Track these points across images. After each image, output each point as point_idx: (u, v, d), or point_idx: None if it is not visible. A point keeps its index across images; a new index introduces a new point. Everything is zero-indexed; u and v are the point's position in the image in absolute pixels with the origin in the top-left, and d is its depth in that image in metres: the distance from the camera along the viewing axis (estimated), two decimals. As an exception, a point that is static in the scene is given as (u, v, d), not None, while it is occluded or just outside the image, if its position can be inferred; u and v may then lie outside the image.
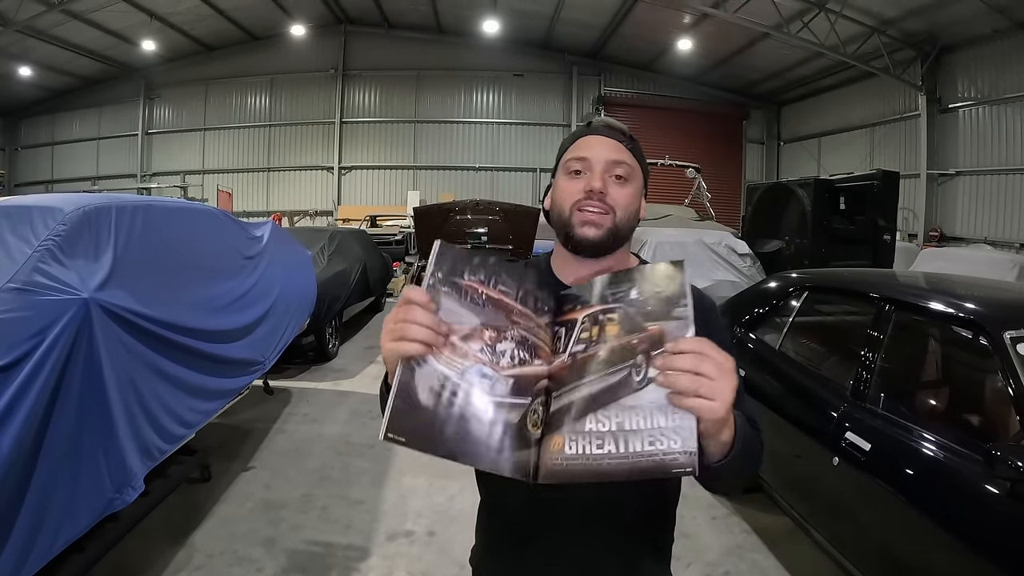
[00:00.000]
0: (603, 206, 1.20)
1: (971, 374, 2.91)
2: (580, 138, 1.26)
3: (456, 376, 0.91)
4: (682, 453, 0.85)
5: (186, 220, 3.60)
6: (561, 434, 0.90)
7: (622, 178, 1.22)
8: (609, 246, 1.21)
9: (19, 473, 1.94)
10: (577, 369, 0.93)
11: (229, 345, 3.63)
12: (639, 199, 1.26)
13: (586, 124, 1.29)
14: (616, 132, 1.26)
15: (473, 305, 0.95)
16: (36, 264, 2.28)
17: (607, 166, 1.21)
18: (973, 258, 9.13)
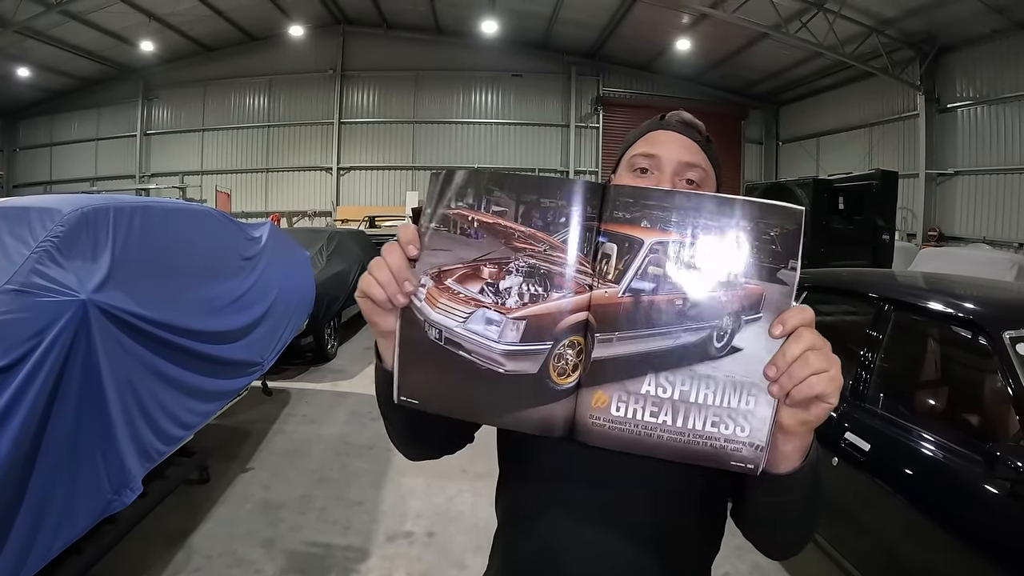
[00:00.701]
0: None
1: (970, 374, 2.91)
2: (651, 132, 1.12)
3: (459, 326, 0.78)
4: (747, 444, 0.73)
5: (184, 221, 3.59)
6: (609, 391, 0.75)
7: (694, 183, 1.06)
8: None
9: (17, 475, 1.94)
10: (643, 314, 0.73)
11: (227, 346, 3.62)
12: None
13: (659, 116, 1.15)
14: (692, 130, 1.12)
15: (465, 238, 0.78)
16: (34, 266, 2.27)
17: (679, 168, 1.06)
18: (972, 258, 9.13)
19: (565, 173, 22.05)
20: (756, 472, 0.74)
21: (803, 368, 0.70)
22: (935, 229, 15.38)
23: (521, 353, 0.76)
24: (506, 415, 0.78)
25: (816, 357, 0.70)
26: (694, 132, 1.11)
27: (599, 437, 0.76)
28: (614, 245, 0.74)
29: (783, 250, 0.72)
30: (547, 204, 0.76)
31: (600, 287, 0.74)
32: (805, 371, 0.70)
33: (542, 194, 0.76)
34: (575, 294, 0.75)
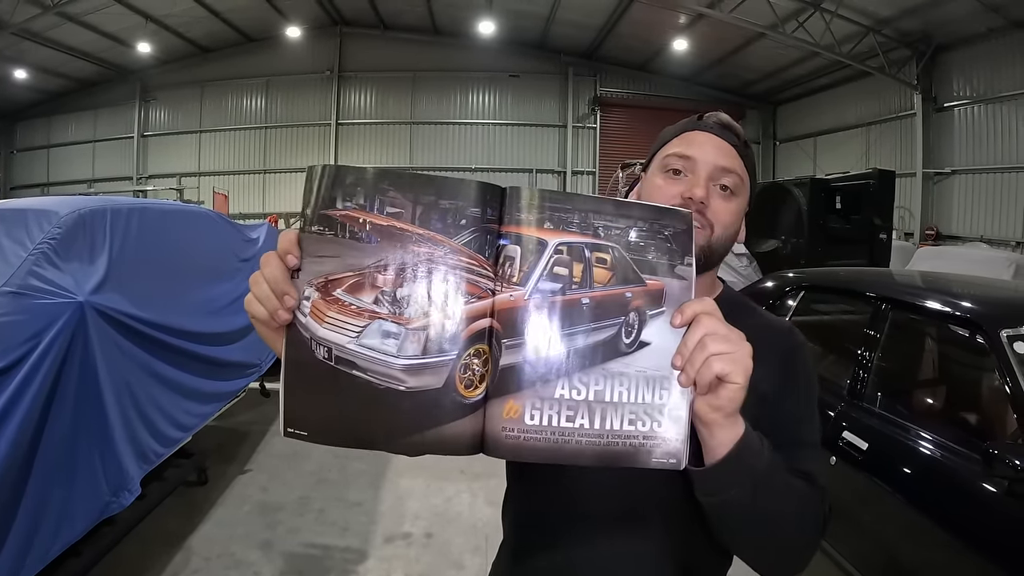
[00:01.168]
0: (701, 220, 0.99)
1: (968, 373, 2.91)
2: (687, 131, 1.07)
3: (351, 341, 0.70)
4: (666, 439, 0.72)
5: (181, 223, 3.59)
6: (521, 399, 0.71)
7: (728, 189, 1.03)
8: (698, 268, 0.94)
9: (15, 477, 1.93)
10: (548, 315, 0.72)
11: (225, 348, 3.62)
12: (740, 218, 1.08)
13: (697, 116, 1.09)
14: (730, 133, 1.06)
15: (355, 242, 0.70)
16: (31, 267, 2.27)
17: (713, 172, 1.02)
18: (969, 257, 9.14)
19: (563, 174, 22.07)
20: (679, 467, 0.73)
21: (702, 352, 0.72)
22: (932, 228, 15.40)
23: (423, 367, 0.70)
24: (410, 438, 0.71)
25: (714, 341, 0.72)
26: (732, 135, 1.06)
27: (512, 450, 0.72)
28: (517, 247, 0.72)
29: (678, 248, 0.73)
30: (446, 206, 0.71)
31: (504, 291, 0.71)
32: (703, 354, 0.72)
33: (440, 195, 0.71)
34: (478, 299, 0.71)
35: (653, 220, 0.73)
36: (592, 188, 22.23)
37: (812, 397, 1.05)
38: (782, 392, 0.99)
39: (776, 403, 0.97)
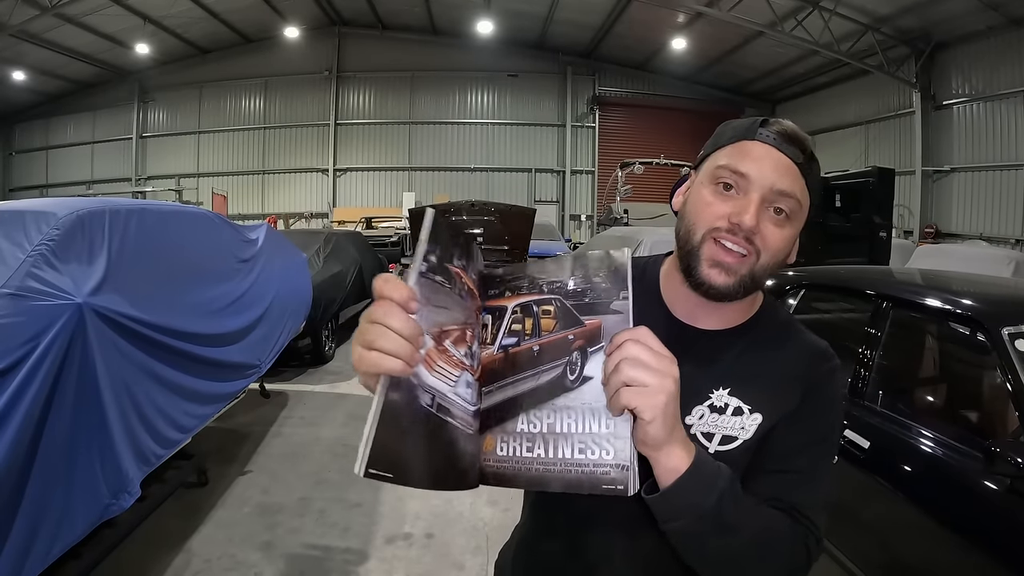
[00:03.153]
0: (748, 247, 0.90)
1: (969, 371, 2.91)
2: (745, 140, 0.93)
3: (451, 391, 0.77)
4: (613, 466, 0.76)
5: (181, 224, 3.58)
6: (493, 435, 0.81)
7: (783, 213, 0.91)
8: (736, 297, 0.94)
9: (15, 479, 1.93)
10: (509, 364, 0.82)
11: (225, 349, 3.61)
12: (793, 244, 0.96)
13: (759, 121, 0.94)
14: (794, 147, 0.92)
15: (459, 298, 0.80)
16: (30, 269, 2.26)
17: (769, 195, 0.90)
18: (969, 254, 9.12)
19: (562, 173, 22.08)
20: (627, 493, 0.76)
21: (616, 376, 0.74)
22: (932, 226, 15.41)
23: (478, 413, 0.82)
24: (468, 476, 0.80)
25: (630, 367, 0.73)
26: (795, 149, 0.92)
27: (494, 478, 0.81)
28: (489, 315, 0.85)
29: (613, 285, 0.79)
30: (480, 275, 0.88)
31: (484, 350, 0.84)
32: (618, 380, 0.74)
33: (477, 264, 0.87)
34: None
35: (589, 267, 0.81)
36: (591, 187, 22.24)
37: (828, 427, 1.00)
38: (793, 419, 0.96)
39: (784, 428, 0.95)
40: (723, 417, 0.95)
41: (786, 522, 0.90)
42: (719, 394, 0.96)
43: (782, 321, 1.06)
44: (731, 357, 0.99)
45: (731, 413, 0.96)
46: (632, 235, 8.46)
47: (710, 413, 0.96)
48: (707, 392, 0.97)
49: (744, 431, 0.95)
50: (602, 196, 21.17)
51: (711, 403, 0.96)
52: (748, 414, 0.95)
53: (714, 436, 0.95)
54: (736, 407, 0.96)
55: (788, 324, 1.06)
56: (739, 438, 0.95)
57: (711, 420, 0.96)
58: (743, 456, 0.94)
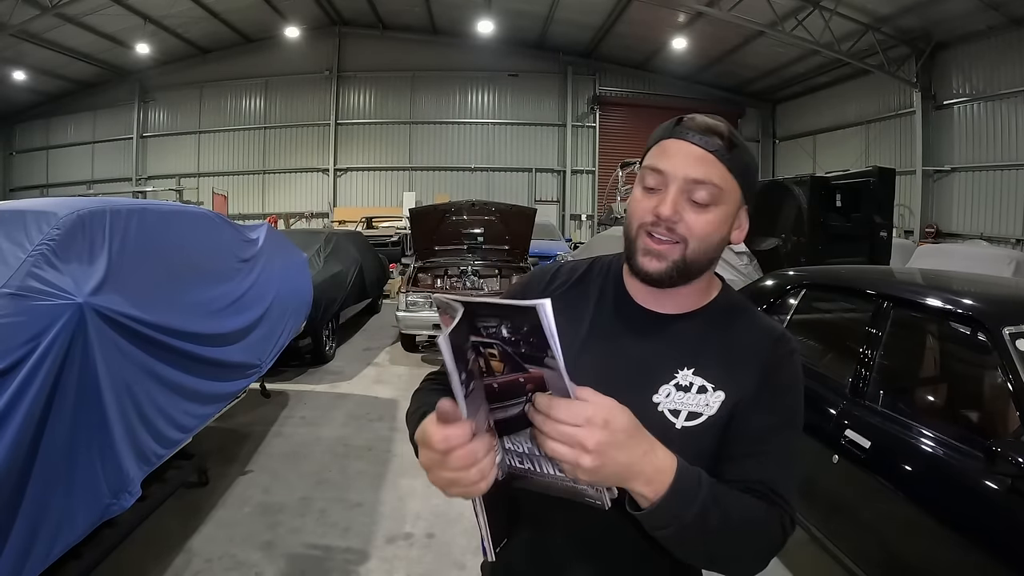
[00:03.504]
0: (672, 235, 1.00)
1: (970, 370, 2.91)
2: (663, 140, 1.03)
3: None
4: (588, 485, 0.82)
5: (181, 223, 3.58)
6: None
7: (703, 200, 0.99)
8: (674, 281, 1.03)
9: (15, 479, 1.93)
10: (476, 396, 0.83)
11: (225, 348, 3.61)
12: (725, 225, 1.04)
13: (675, 121, 1.04)
14: (709, 138, 1.00)
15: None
16: (30, 269, 2.26)
17: (685, 185, 0.99)
18: (969, 254, 9.13)
19: (562, 173, 22.07)
20: (605, 507, 0.84)
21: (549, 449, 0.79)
22: (932, 226, 15.40)
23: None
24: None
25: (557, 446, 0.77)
26: (712, 140, 1.00)
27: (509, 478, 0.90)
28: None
29: (538, 342, 0.76)
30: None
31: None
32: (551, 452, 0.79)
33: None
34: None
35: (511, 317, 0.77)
36: (592, 186, 22.25)
37: (791, 408, 1.05)
38: (757, 402, 1.01)
39: (748, 411, 1.01)
40: (688, 395, 1.01)
41: (763, 507, 0.95)
42: (684, 373, 1.03)
43: (739, 306, 1.13)
44: (693, 338, 1.06)
45: (696, 391, 1.02)
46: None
47: (676, 391, 1.02)
48: (672, 372, 1.03)
49: (708, 407, 1.01)
50: (602, 196, 21.17)
51: (676, 382, 1.02)
52: (712, 392, 1.01)
53: (680, 412, 1.01)
54: (700, 385, 1.02)
55: (745, 308, 1.13)
56: (704, 414, 1.01)
57: (677, 398, 1.02)
58: (709, 431, 1.00)
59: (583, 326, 1.11)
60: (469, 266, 8.50)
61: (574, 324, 1.11)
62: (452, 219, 8.61)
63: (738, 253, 8.10)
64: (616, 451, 0.78)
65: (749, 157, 1.05)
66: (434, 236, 8.68)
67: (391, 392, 6.47)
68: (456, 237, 8.66)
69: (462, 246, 8.68)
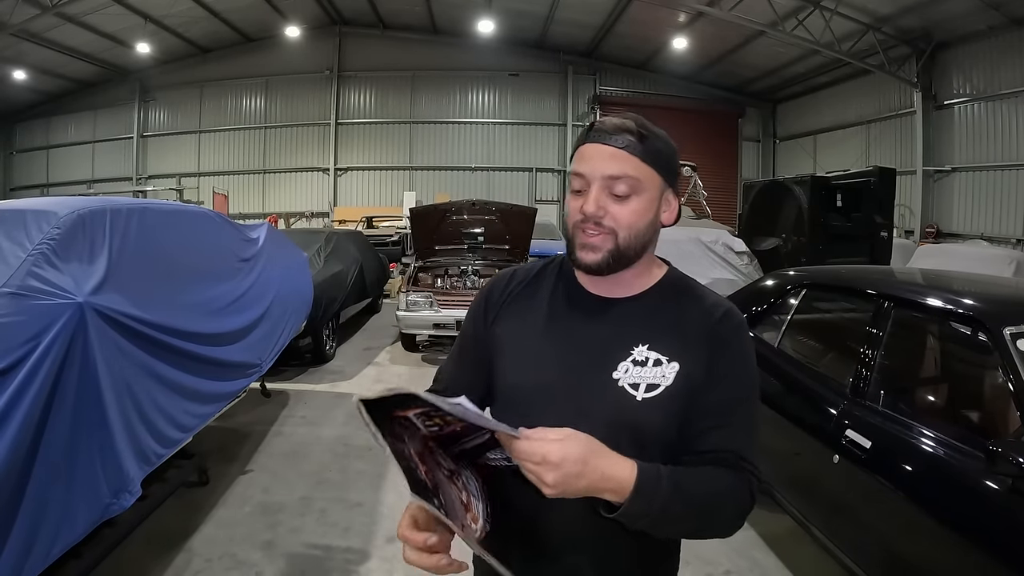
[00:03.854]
0: (601, 229, 1.10)
1: (971, 370, 2.91)
2: (581, 146, 1.14)
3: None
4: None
5: (181, 223, 3.58)
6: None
7: (623, 192, 1.09)
8: (612, 268, 1.12)
9: (15, 479, 1.93)
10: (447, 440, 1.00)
11: (226, 348, 3.61)
12: (650, 211, 1.13)
13: (589, 126, 1.14)
14: (618, 135, 1.10)
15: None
16: (30, 268, 2.26)
17: (604, 182, 1.09)
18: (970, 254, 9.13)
19: (562, 172, 22.07)
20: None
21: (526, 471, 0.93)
22: (933, 226, 15.40)
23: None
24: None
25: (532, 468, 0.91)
26: (622, 137, 1.10)
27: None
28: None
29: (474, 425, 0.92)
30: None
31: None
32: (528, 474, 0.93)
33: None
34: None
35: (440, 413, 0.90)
36: (592, 187, 22.18)
37: (745, 378, 1.14)
38: (710, 376, 1.10)
39: (704, 387, 1.10)
40: (645, 369, 1.11)
41: (729, 477, 1.06)
42: (640, 350, 1.12)
43: (685, 284, 1.22)
44: (644, 316, 1.16)
45: (652, 365, 1.11)
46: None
47: (633, 367, 1.11)
48: (629, 349, 1.13)
49: (665, 379, 1.10)
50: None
51: (633, 358, 1.12)
52: (667, 364, 1.11)
53: (639, 385, 1.10)
54: (656, 359, 1.11)
55: (690, 286, 1.22)
56: (661, 385, 1.10)
57: (635, 372, 1.11)
58: (668, 400, 1.09)
59: (540, 318, 1.22)
60: (469, 266, 8.50)
61: (532, 318, 1.22)
62: (452, 219, 8.60)
63: (739, 253, 8.10)
64: (575, 480, 0.91)
65: (662, 143, 1.13)
66: (434, 236, 8.68)
67: (391, 392, 6.46)
68: (456, 237, 8.66)
69: (462, 246, 8.67)
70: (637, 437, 1.08)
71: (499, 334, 1.25)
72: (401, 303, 7.60)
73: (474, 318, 1.31)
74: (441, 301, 7.54)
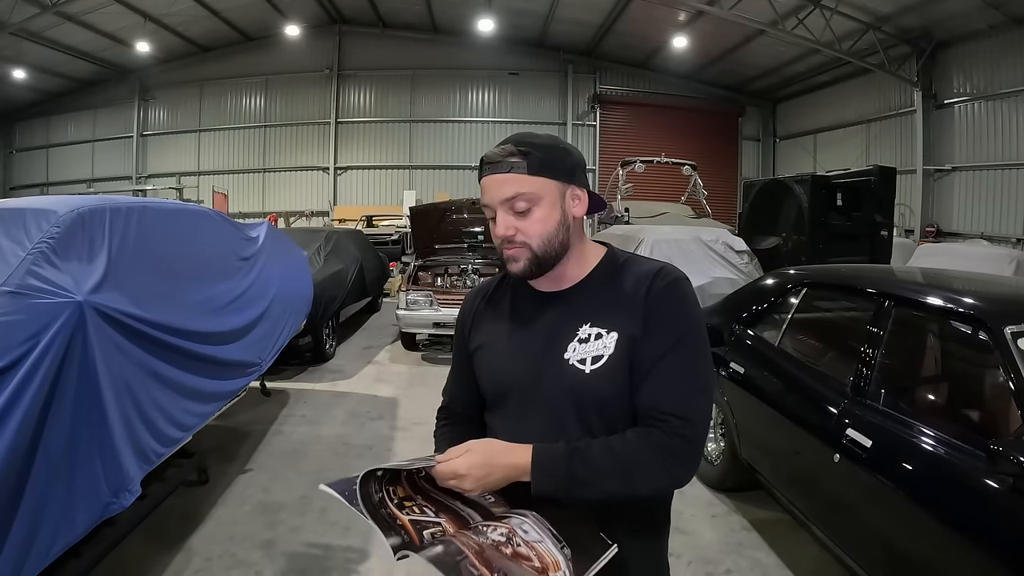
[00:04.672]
0: (515, 244, 1.23)
1: (971, 369, 2.90)
2: (481, 181, 1.26)
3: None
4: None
5: (181, 222, 3.58)
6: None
7: (523, 212, 1.22)
8: (541, 269, 1.26)
9: (15, 478, 1.92)
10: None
11: (225, 347, 3.61)
12: (553, 214, 1.24)
13: (480, 164, 1.28)
14: (501, 161, 1.22)
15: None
16: (30, 267, 2.26)
17: (504, 205, 1.23)
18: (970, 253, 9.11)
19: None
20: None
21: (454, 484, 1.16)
22: (933, 225, 15.39)
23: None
24: None
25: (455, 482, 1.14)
26: (504, 162, 1.22)
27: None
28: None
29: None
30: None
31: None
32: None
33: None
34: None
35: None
36: (592, 185, 22.17)
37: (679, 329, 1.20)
38: (645, 333, 1.20)
39: (639, 344, 1.19)
40: (589, 344, 1.22)
41: (644, 435, 1.15)
42: (583, 329, 1.24)
43: (621, 262, 1.32)
44: (586, 299, 1.28)
45: (594, 339, 1.22)
46: (633, 233, 8.46)
47: (580, 345, 1.23)
48: (574, 330, 1.25)
49: (607, 348, 1.21)
50: (603, 194, 21.13)
51: (579, 337, 1.24)
52: (607, 335, 1.22)
53: (586, 360, 1.21)
54: (596, 333, 1.23)
55: (627, 262, 1.32)
56: (604, 355, 1.20)
57: (581, 349, 1.22)
58: (614, 367, 1.19)
59: (503, 322, 1.37)
60: (469, 264, 8.49)
61: (496, 325, 1.38)
62: (452, 218, 8.60)
63: (739, 252, 8.09)
64: (487, 478, 1.14)
65: (547, 152, 1.23)
66: (434, 234, 8.68)
67: (391, 391, 6.47)
68: (456, 236, 8.65)
69: (462, 244, 8.67)
70: (598, 406, 1.21)
71: (475, 345, 1.41)
72: (401, 302, 7.59)
73: (459, 337, 1.48)
74: (441, 300, 7.54)
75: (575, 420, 1.22)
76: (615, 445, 1.15)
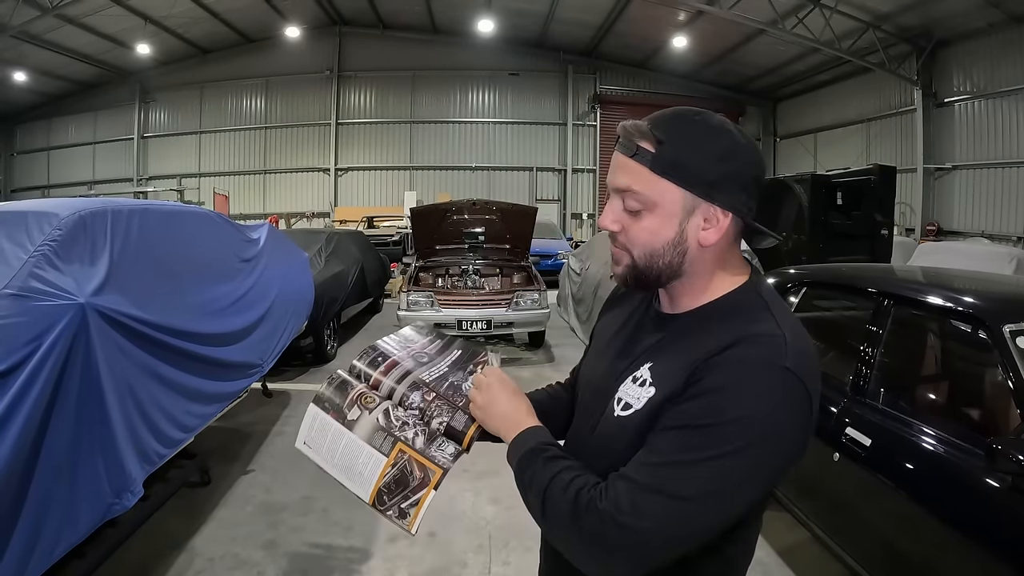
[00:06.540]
0: (617, 246, 1.04)
1: (971, 368, 2.90)
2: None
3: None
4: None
5: (182, 223, 3.58)
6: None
7: (634, 208, 0.99)
8: (638, 284, 1.05)
9: (18, 479, 1.93)
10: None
11: (227, 348, 3.61)
12: (668, 229, 0.98)
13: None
14: (628, 143, 0.99)
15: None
16: (32, 269, 2.26)
17: (618, 195, 1.01)
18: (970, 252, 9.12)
19: (563, 171, 22.07)
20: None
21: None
22: (933, 224, 15.39)
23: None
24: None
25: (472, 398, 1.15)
26: (629, 144, 0.98)
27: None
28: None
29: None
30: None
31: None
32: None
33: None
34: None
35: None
36: (593, 185, 22.25)
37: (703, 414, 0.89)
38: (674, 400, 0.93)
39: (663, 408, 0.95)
40: (634, 387, 1.02)
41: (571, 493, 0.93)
42: (644, 368, 1.03)
43: (740, 307, 1.01)
44: (669, 337, 1.05)
45: (639, 385, 1.01)
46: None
47: (631, 383, 1.03)
48: (640, 365, 1.04)
49: (639, 401, 1.00)
50: (603, 194, 21.16)
51: (635, 375, 1.03)
52: (647, 387, 1.00)
53: (622, 401, 1.03)
54: (644, 380, 1.01)
55: (742, 310, 1.00)
56: (634, 407, 1.00)
57: (627, 389, 1.03)
58: (632, 423, 0.99)
59: (617, 323, 1.21)
60: (470, 265, 8.49)
61: (612, 322, 1.23)
62: (453, 218, 8.59)
63: (739, 251, 8.10)
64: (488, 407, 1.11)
65: (684, 146, 0.96)
66: (435, 235, 8.67)
67: (392, 391, 6.46)
68: (457, 236, 8.65)
69: (463, 245, 8.67)
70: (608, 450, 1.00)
71: (594, 332, 1.31)
72: (402, 303, 7.59)
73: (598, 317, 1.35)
74: (442, 301, 7.54)
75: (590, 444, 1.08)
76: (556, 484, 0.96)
